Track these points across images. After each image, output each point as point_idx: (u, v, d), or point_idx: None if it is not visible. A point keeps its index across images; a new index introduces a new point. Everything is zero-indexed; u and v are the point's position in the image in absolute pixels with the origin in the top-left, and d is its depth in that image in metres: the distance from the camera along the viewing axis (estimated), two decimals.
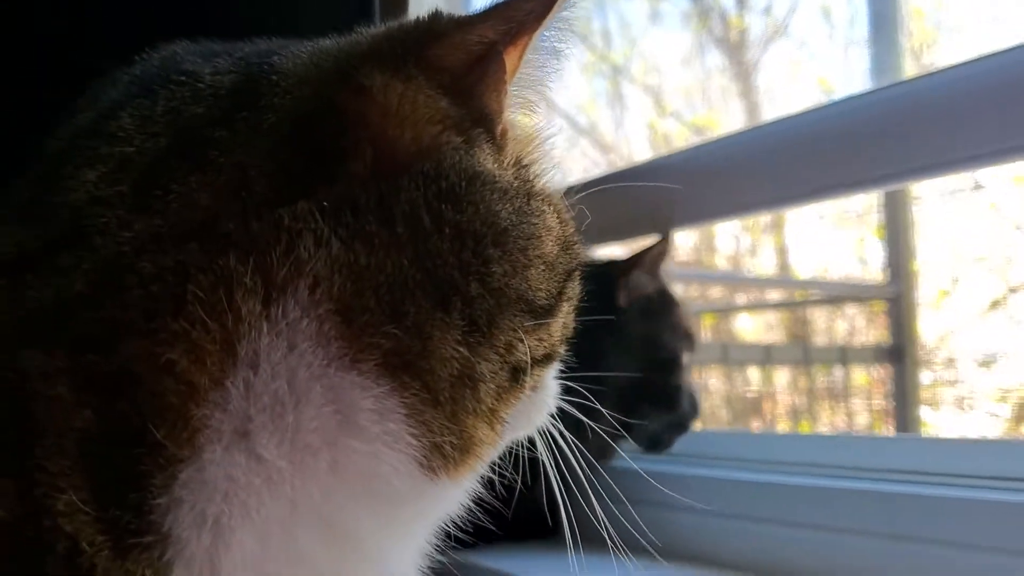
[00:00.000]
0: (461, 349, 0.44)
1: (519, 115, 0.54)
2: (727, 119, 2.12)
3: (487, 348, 0.46)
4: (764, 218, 1.96)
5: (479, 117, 0.49)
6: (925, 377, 1.58)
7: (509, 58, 0.50)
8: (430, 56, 0.48)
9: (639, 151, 2.40)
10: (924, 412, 1.57)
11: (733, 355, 1.80)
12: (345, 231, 0.44)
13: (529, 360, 0.48)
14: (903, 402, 1.61)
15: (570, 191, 0.70)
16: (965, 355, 1.52)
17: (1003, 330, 1.49)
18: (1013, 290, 1.50)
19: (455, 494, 0.51)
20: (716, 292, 2.04)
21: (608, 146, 2.49)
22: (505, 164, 0.50)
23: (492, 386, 0.46)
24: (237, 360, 0.41)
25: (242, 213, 0.43)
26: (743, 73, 2.26)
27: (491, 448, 0.48)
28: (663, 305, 1.09)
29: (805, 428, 1.79)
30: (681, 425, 1.07)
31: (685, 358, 1.08)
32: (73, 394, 0.39)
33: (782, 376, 1.88)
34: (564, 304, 0.52)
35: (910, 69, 1.49)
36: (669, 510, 1.00)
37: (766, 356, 1.82)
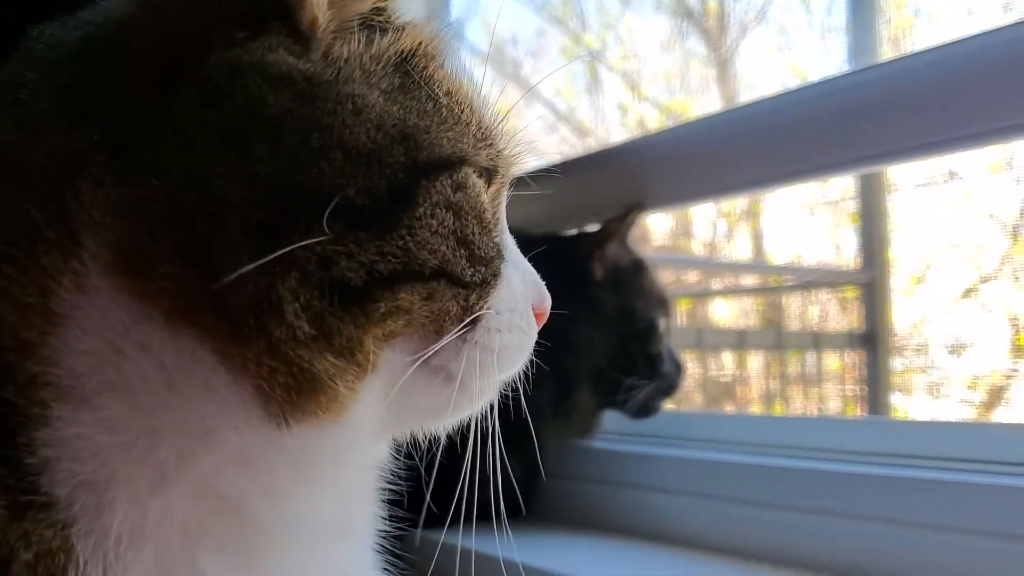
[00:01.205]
0: (248, 268, 0.40)
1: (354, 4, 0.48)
2: (705, 106, 2.12)
3: (281, 264, 0.40)
4: (740, 205, 1.96)
5: (275, 9, 0.44)
6: (897, 363, 1.60)
7: None
8: None
9: (617, 136, 2.39)
10: (896, 398, 1.59)
11: (707, 339, 1.81)
12: (119, 164, 0.41)
13: (366, 276, 0.42)
14: (875, 388, 1.62)
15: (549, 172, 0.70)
16: (937, 342, 1.53)
17: (975, 318, 1.50)
18: (985, 279, 1.51)
19: (337, 445, 0.46)
20: (692, 277, 2.05)
21: (586, 131, 2.48)
22: (311, 54, 0.45)
23: (297, 306, 0.41)
24: (55, 317, 0.40)
25: (44, 156, 0.41)
26: (721, 60, 2.25)
27: (354, 383, 0.43)
28: (636, 274, 1.09)
29: (778, 412, 1.80)
30: (668, 389, 1.08)
31: (662, 324, 1.09)
32: None
33: (756, 360, 1.89)
34: (418, 208, 0.45)
35: (888, 57, 1.49)
36: (642, 490, 1.00)
37: (740, 341, 1.83)
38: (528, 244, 1.04)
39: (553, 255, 1.09)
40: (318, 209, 0.41)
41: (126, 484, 0.41)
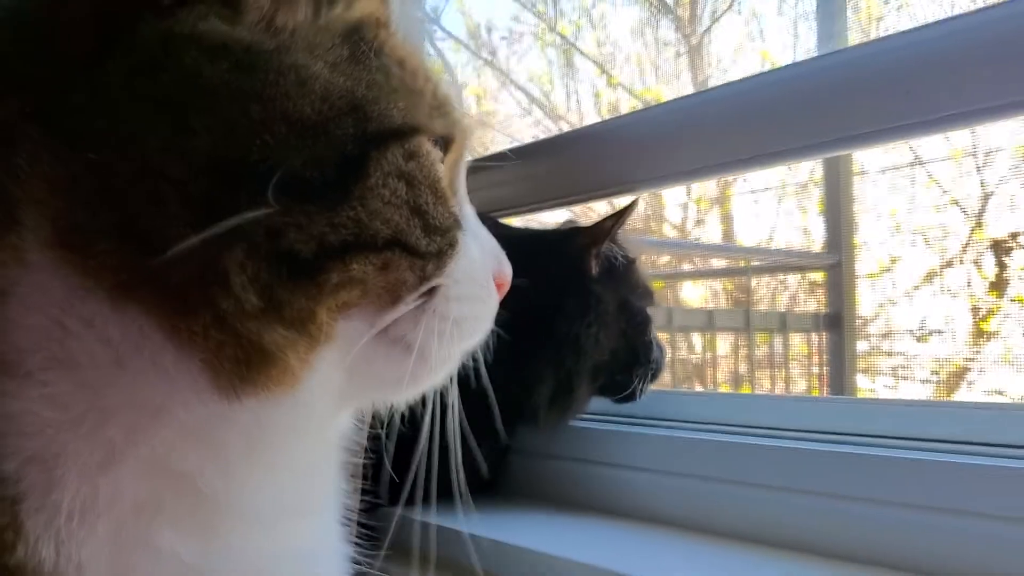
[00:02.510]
0: (191, 242, 0.39)
1: None
2: (677, 92, 2.13)
3: (226, 237, 0.39)
4: (711, 189, 1.98)
5: None
6: (861, 345, 1.62)
7: None
8: None
9: (590, 120, 2.41)
10: (860, 379, 1.61)
11: (677, 321, 1.82)
12: (55, 137, 0.40)
13: (316, 247, 0.41)
14: (840, 369, 1.64)
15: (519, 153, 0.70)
16: (901, 325, 1.56)
17: (937, 302, 1.53)
18: (948, 263, 1.54)
19: (292, 417, 0.45)
20: (663, 259, 2.07)
21: (560, 115, 2.50)
22: (247, 23, 0.43)
23: (244, 278, 0.40)
24: None
25: None
26: (693, 46, 2.27)
27: (307, 354, 0.43)
28: (628, 269, 1.10)
29: (746, 391, 1.83)
30: (656, 373, 1.09)
31: (650, 312, 1.10)
32: None
33: (724, 342, 1.92)
34: (368, 178, 0.44)
35: (854, 42, 1.51)
36: (612, 468, 1.02)
37: (709, 322, 1.85)
38: (519, 241, 1.05)
39: (549, 253, 1.10)
40: (262, 181, 0.40)
41: (75, 460, 0.40)
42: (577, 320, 1.02)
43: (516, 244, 0.61)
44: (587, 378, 1.04)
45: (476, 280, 0.52)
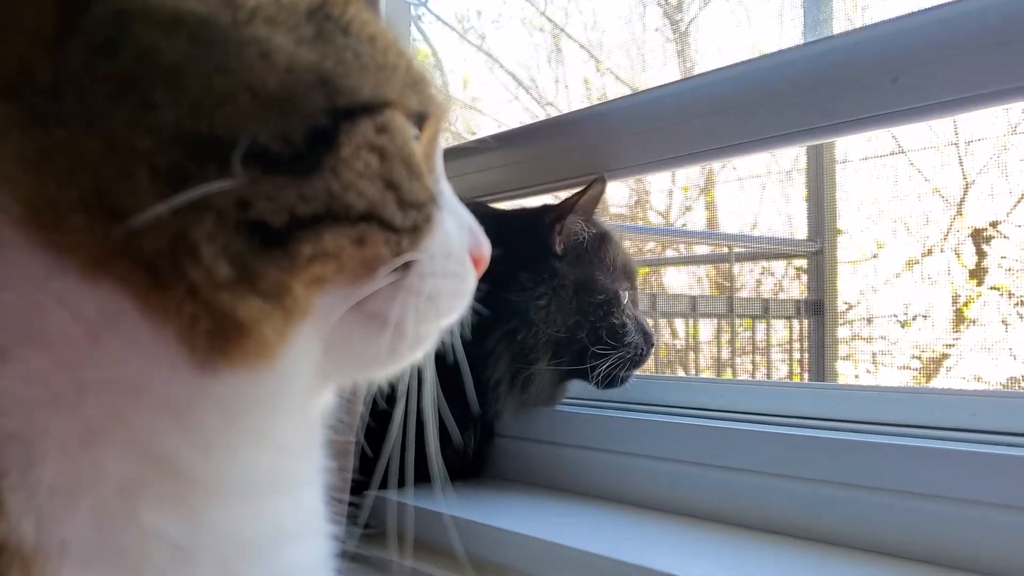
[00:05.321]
0: (158, 211, 0.39)
1: None
2: (664, 79, 2.13)
3: (195, 208, 0.40)
4: (696, 177, 1.99)
5: None
6: (843, 332, 1.64)
7: None
8: None
9: (578, 106, 2.41)
10: (841, 365, 1.63)
11: (661, 306, 1.83)
12: (23, 115, 0.40)
13: (287, 218, 0.42)
14: (821, 355, 1.66)
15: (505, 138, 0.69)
16: (881, 312, 1.57)
17: (917, 289, 1.54)
18: (929, 251, 1.55)
19: (270, 392, 0.46)
20: (647, 246, 2.07)
21: (548, 101, 2.49)
22: None
23: (215, 248, 0.40)
24: None
25: None
26: (680, 34, 2.27)
27: (283, 327, 0.43)
28: (599, 247, 1.09)
29: (727, 377, 1.84)
30: (634, 359, 1.07)
31: (626, 295, 1.09)
32: None
33: (707, 328, 1.93)
34: (340, 150, 0.44)
35: (840, 30, 1.52)
36: (593, 451, 1.03)
37: (692, 308, 1.86)
38: (494, 220, 1.05)
39: (516, 229, 1.10)
40: (229, 153, 0.40)
41: (55, 438, 0.40)
42: (528, 291, 1.01)
43: (491, 222, 0.61)
44: (545, 354, 1.03)
45: (453, 256, 0.52)
